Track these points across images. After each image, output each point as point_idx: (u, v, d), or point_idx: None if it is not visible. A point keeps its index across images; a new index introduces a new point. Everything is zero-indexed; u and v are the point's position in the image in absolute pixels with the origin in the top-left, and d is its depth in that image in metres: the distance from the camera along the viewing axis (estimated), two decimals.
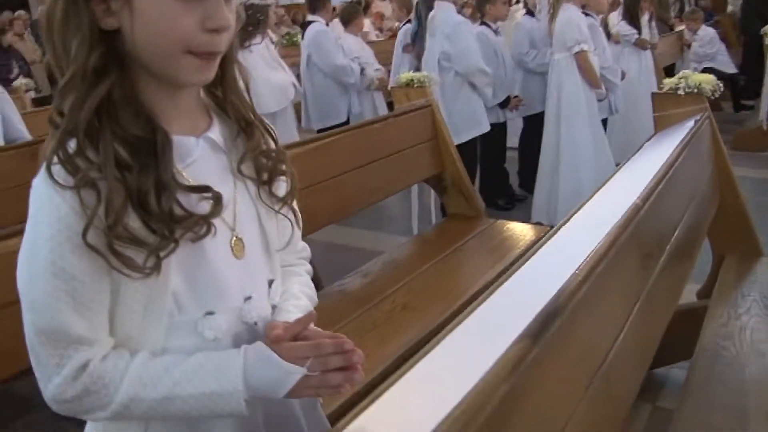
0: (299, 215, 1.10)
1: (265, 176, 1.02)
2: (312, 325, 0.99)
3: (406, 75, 3.30)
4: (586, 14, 4.30)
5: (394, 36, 8.45)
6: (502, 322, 1.15)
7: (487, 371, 0.95)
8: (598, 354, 1.26)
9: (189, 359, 0.91)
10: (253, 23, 4.67)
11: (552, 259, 1.43)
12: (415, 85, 3.24)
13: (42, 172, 0.85)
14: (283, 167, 1.06)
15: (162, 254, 0.87)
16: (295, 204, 1.09)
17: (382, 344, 2.13)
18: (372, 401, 1.02)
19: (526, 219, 3.95)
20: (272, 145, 1.06)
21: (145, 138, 0.87)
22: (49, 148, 0.86)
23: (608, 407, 1.28)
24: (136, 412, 0.90)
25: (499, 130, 4.70)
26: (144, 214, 0.86)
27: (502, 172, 4.88)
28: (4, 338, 0.86)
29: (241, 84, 1.03)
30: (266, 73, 4.72)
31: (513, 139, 5.51)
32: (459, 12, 4.33)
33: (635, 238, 1.52)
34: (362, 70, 5.20)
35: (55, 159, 0.84)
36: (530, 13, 4.83)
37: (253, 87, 3.13)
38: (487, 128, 4.18)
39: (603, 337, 1.30)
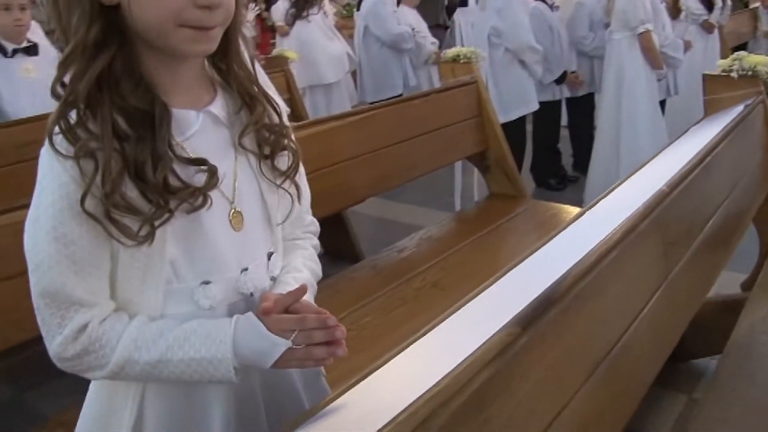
0: (303, 189, 1.11)
1: (267, 150, 1.03)
2: (306, 298, 1.00)
3: (453, 50, 3.25)
4: None
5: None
6: (504, 307, 1.14)
7: (469, 354, 0.94)
8: (603, 343, 1.24)
9: (183, 325, 0.94)
10: None
11: (567, 244, 1.40)
12: (462, 61, 3.19)
13: (46, 142, 0.89)
14: (286, 141, 1.06)
15: (156, 223, 0.89)
16: (299, 178, 1.10)
17: (406, 322, 2.14)
18: (361, 379, 1.03)
19: (577, 200, 3.87)
20: (275, 119, 1.07)
21: (144, 109, 0.90)
22: (51, 118, 0.89)
23: (613, 399, 1.26)
24: (131, 374, 0.94)
25: (553, 108, 4.60)
26: (141, 184, 0.89)
27: (555, 152, 4.78)
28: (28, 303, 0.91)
29: (246, 57, 1.04)
30: (323, 44, 4.76)
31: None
32: None
33: (658, 226, 1.47)
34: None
35: (57, 129, 0.88)
36: None
37: (311, 57, 3.20)
38: (536, 106, 4.09)
39: (611, 326, 1.28)
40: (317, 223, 1.22)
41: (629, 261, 1.35)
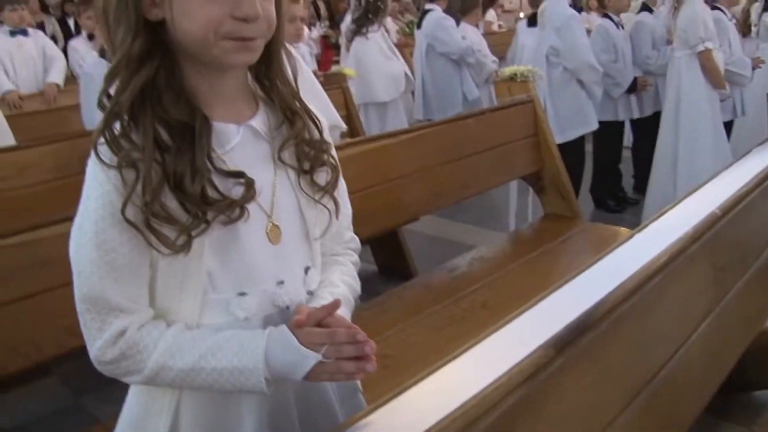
0: (342, 205, 1.12)
1: (306, 165, 1.05)
2: (343, 314, 1.02)
3: (510, 68, 3.23)
4: (715, 7, 4.03)
5: None
6: (543, 329, 1.12)
7: (501, 375, 0.94)
8: (645, 370, 1.21)
9: (217, 335, 0.96)
10: (372, 11, 4.75)
11: (612, 267, 1.37)
12: (519, 80, 3.17)
13: (92, 152, 0.93)
14: (326, 157, 1.08)
15: (193, 233, 0.92)
16: (339, 194, 1.11)
17: (453, 341, 2.12)
18: (393, 397, 1.04)
19: (635, 223, 3.76)
20: (316, 135, 1.08)
21: (185, 121, 0.93)
22: (96, 128, 0.93)
23: (656, 428, 1.22)
24: (166, 380, 0.97)
25: (614, 128, 4.51)
26: (180, 195, 0.91)
27: (616, 173, 4.68)
28: None
29: (289, 73, 1.07)
30: (380, 62, 4.79)
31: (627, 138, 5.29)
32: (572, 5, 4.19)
33: (708, 251, 1.43)
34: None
35: (102, 139, 0.92)
36: (646, 8, 4.54)
37: (366, 75, 3.26)
38: (595, 126, 4.02)
39: (655, 352, 1.24)
40: (357, 240, 1.22)
41: (675, 286, 1.32)
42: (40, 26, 6.46)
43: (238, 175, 0.96)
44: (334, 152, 1.11)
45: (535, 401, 0.96)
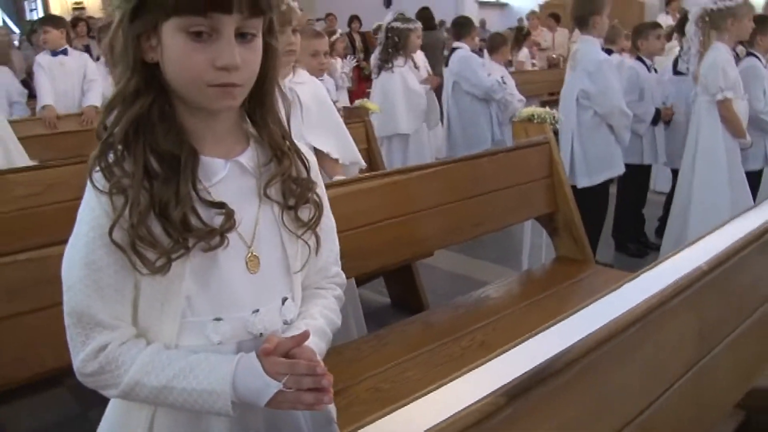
0: (327, 242, 1.18)
1: (291, 201, 1.10)
2: (316, 346, 1.06)
3: (527, 109, 3.25)
4: (750, 53, 4.00)
5: (553, 66, 8.35)
6: (506, 376, 1.13)
7: (446, 419, 0.94)
8: (610, 426, 1.19)
9: (190, 357, 1.01)
10: (391, 45, 4.86)
11: (590, 316, 1.36)
12: (536, 121, 3.18)
13: (87, 178, 0.99)
14: (310, 195, 1.13)
15: (173, 257, 0.97)
16: (322, 231, 1.16)
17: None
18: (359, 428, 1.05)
19: None
20: (303, 174, 1.13)
21: (173, 153, 0.99)
22: (92, 156, 1.00)
23: None
24: (140, 395, 1.01)
25: (639, 172, 4.48)
26: (164, 221, 0.97)
27: (639, 217, 4.63)
28: None
29: (282, 113, 1.12)
30: (404, 96, 4.88)
31: (660, 184, 5.24)
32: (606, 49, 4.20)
33: (693, 305, 1.42)
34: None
35: (97, 167, 0.99)
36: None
37: (390, 107, 3.34)
38: (621, 170, 3.99)
39: (622, 407, 1.23)
40: (343, 276, 1.26)
41: (651, 340, 1.31)
42: (87, 49, 6.74)
43: (220, 205, 1.02)
44: (320, 191, 1.17)
45: None
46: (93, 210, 0.98)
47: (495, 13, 16.13)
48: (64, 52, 5.01)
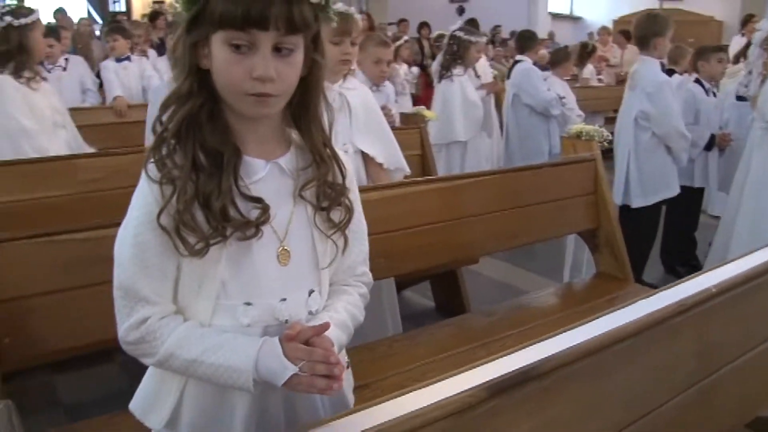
0: (357, 244, 1.29)
1: (324, 203, 1.21)
2: (336, 336, 1.17)
3: (577, 126, 3.29)
4: None
5: (620, 83, 8.24)
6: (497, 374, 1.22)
7: (432, 403, 1.05)
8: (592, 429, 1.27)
9: (220, 335, 1.15)
10: (451, 53, 4.96)
11: (594, 326, 1.43)
12: (584, 138, 3.23)
13: (142, 168, 1.14)
14: (343, 199, 1.24)
15: (211, 242, 1.11)
16: (352, 232, 1.27)
17: None
18: (360, 410, 1.17)
19: None
20: (339, 179, 1.24)
21: (219, 150, 1.12)
22: (148, 148, 1.15)
23: None
24: (173, 366, 1.15)
25: (691, 194, 4.42)
26: (206, 210, 1.11)
27: (690, 240, 4.58)
28: None
29: (325, 121, 1.23)
30: (462, 104, 4.97)
31: (718, 208, 5.15)
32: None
33: (694, 327, 1.47)
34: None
35: (151, 159, 1.13)
36: None
37: (448, 115, 3.52)
38: (676, 191, 3.97)
39: (610, 415, 1.30)
40: (370, 275, 1.37)
41: (647, 355, 1.37)
42: (162, 42, 7.13)
43: (257, 200, 1.14)
44: (352, 196, 1.27)
45: None
46: (145, 197, 1.12)
47: (567, 25, 15.99)
48: (128, 59, 5.54)
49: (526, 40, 5.31)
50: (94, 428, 1.97)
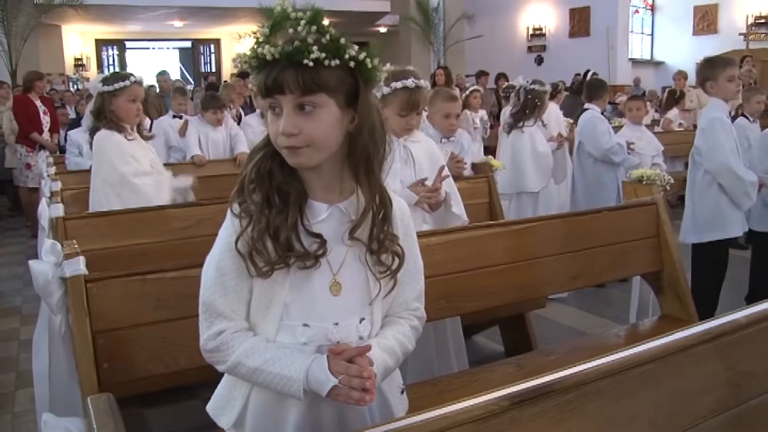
0: (411, 282, 1.50)
1: (374, 246, 1.41)
2: (380, 359, 1.37)
3: (638, 171, 3.37)
4: None
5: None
6: None
7: (455, 409, 1.20)
8: None
9: (280, 349, 1.36)
10: (530, 106, 5.09)
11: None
12: (645, 182, 3.30)
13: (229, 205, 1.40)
14: (392, 246, 1.43)
15: (275, 267, 1.34)
16: (405, 274, 1.46)
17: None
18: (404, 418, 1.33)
19: None
20: (391, 228, 1.43)
21: (288, 192, 1.36)
22: (234, 189, 1.40)
23: None
24: (240, 373, 1.38)
25: None
26: (274, 241, 1.34)
27: None
28: None
29: (385, 171, 1.43)
30: (531, 155, 5.10)
31: None
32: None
33: (723, 354, 1.55)
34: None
35: (235, 196, 1.39)
36: None
37: (519, 165, 3.79)
38: (735, 234, 3.91)
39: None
40: (423, 311, 1.55)
41: (671, 379, 1.47)
42: (250, 100, 7.68)
43: (317, 236, 1.36)
44: (404, 243, 1.45)
45: None
46: (227, 228, 1.39)
47: (649, 71, 15.82)
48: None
49: (594, 89, 5.40)
50: None
